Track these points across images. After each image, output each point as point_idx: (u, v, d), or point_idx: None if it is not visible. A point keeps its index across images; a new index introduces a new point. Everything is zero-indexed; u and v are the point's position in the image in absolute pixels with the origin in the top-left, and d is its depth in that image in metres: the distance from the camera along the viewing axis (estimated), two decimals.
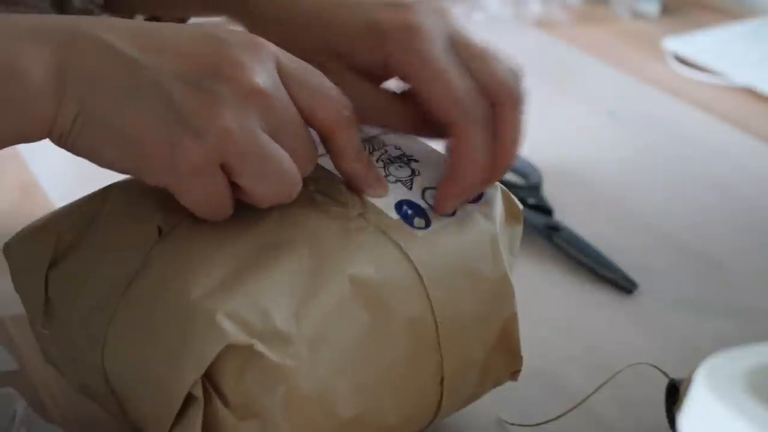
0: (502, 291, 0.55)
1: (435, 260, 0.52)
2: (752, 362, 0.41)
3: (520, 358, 0.57)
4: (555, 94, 1.08)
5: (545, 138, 0.96)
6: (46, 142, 0.51)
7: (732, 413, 0.37)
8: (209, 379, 0.48)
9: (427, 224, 0.53)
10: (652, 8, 1.31)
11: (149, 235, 0.52)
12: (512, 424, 0.60)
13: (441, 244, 0.53)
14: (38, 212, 0.57)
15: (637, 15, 1.31)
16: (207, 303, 0.48)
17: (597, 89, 1.11)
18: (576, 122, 1.01)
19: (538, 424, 0.59)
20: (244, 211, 0.51)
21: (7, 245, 0.56)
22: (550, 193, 0.85)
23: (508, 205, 0.57)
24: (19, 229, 0.56)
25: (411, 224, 0.53)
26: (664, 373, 0.58)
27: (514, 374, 0.57)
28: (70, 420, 0.59)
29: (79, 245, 0.54)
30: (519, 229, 0.58)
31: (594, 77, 1.14)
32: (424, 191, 0.55)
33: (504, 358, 0.56)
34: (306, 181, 0.51)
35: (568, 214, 0.82)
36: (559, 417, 0.59)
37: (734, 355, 0.42)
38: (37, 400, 0.60)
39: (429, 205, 0.54)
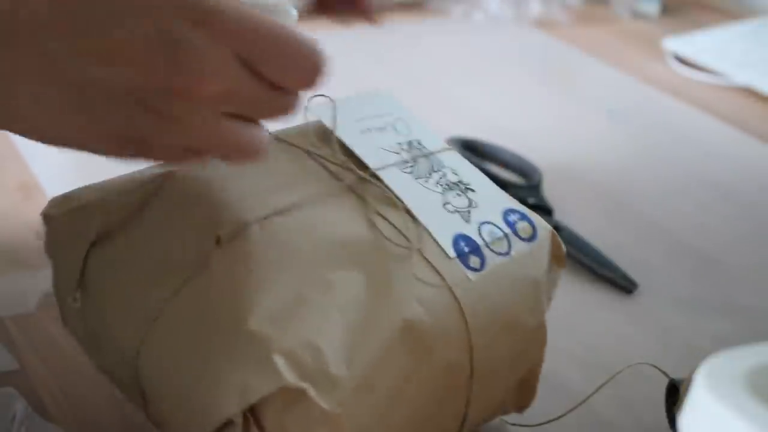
0: (537, 338, 0.55)
1: (482, 307, 0.52)
2: (752, 362, 0.41)
3: (534, 396, 0.57)
4: (555, 94, 1.08)
5: (545, 138, 0.96)
6: None
7: (732, 413, 0.37)
8: (251, 409, 0.47)
9: (482, 264, 0.53)
10: (652, 8, 1.31)
11: (207, 240, 0.50)
12: (512, 424, 0.60)
13: (490, 291, 0.52)
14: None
15: (637, 15, 1.31)
16: (263, 335, 0.47)
17: (597, 89, 1.11)
18: (576, 122, 1.01)
19: (538, 424, 0.59)
20: (305, 234, 0.51)
21: (47, 214, 0.55)
22: (550, 193, 0.85)
23: (554, 247, 0.57)
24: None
25: (466, 265, 0.52)
26: (664, 373, 0.58)
27: (520, 408, 0.58)
28: (70, 420, 0.59)
29: (126, 229, 0.53)
30: (560, 272, 0.57)
31: (594, 77, 1.14)
32: (480, 226, 0.54)
33: (519, 395, 0.57)
34: (366, 198, 0.52)
35: (568, 214, 0.82)
36: (559, 417, 0.59)
37: (734, 355, 0.42)
38: (37, 400, 0.60)
39: (485, 241, 0.54)
